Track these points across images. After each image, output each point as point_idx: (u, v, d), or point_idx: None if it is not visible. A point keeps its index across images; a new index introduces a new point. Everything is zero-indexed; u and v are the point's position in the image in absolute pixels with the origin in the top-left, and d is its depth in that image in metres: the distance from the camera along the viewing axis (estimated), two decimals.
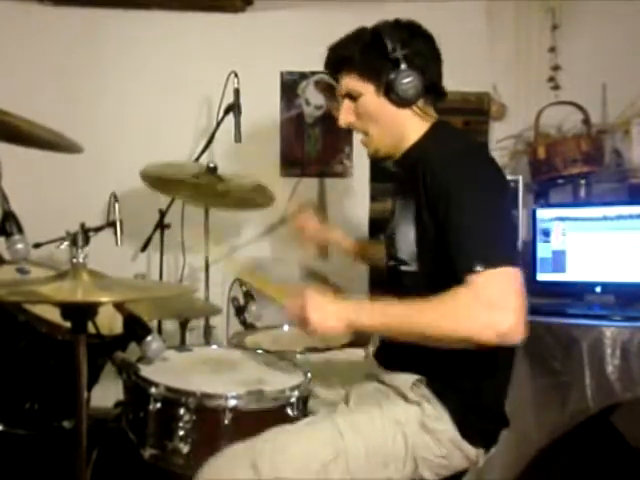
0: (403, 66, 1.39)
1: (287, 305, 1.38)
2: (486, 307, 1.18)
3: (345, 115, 1.51)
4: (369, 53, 1.43)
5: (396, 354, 1.47)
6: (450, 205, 1.29)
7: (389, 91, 1.42)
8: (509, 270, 1.22)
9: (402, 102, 1.43)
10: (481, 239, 1.25)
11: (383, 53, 1.40)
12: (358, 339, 1.99)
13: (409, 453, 1.34)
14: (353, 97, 1.48)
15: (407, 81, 1.40)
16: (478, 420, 1.39)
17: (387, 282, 1.58)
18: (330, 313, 1.30)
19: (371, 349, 1.68)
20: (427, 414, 1.36)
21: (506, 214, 1.39)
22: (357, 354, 1.76)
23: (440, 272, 1.36)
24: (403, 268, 1.46)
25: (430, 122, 1.48)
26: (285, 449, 1.28)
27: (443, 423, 1.36)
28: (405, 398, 1.39)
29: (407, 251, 1.44)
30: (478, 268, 1.20)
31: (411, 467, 1.34)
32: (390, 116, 1.46)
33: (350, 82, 1.47)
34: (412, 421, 1.36)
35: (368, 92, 1.45)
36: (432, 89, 1.47)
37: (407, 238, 1.43)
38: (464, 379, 1.38)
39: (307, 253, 2.06)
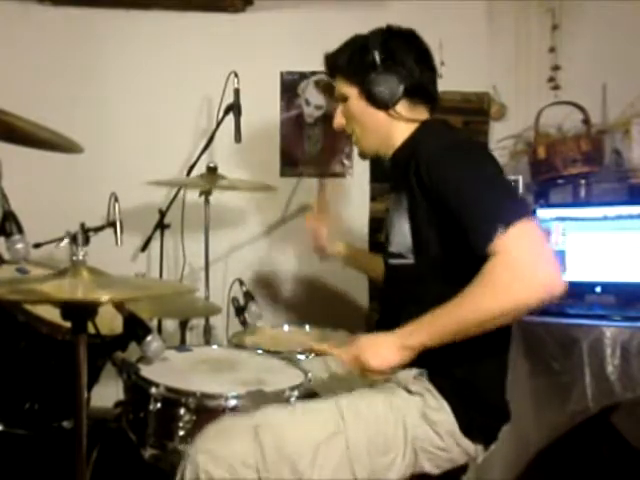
0: (381, 70, 1.46)
1: (341, 358, 1.40)
2: (522, 267, 1.19)
3: (337, 117, 1.61)
4: (355, 58, 1.51)
5: None
6: (451, 193, 1.30)
7: (369, 94, 1.49)
8: (529, 224, 1.23)
9: (380, 104, 1.50)
10: (491, 207, 1.26)
11: (366, 58, 1.48)
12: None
13: (409, 443, 1.34)
14: (343, 100, 1.57)
15: (383, 85, 1.47)
16: (478, 415, 1.39)
17: (385, 279, 1.61)
18: (384, 349, 1.32)
19: None
20: (428, 405, 1.37)
21: (502, 176, 1.40)
22: None
23: (438, 262, 1.39)
24: (399, 262, 1.48)
25: (417, 123, 1.52)
26: (285, 425, 1.29)
27: (443, 415, 1.36)
28: (408, 390, 1.40)
29: (403, 244, 1.46)
30: (499, 232, 1.20)
31: (411, 458, 1.35)
32: (372, 118, 1.53)
33: (340, 86, 1.57)
34: (413, 411, 1.37)
35: (353, 95, 1.54)
36: (418, 92, 1.51)
37: (402, 231, 1.45)
38: (460, 369, 1.38)
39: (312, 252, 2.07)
